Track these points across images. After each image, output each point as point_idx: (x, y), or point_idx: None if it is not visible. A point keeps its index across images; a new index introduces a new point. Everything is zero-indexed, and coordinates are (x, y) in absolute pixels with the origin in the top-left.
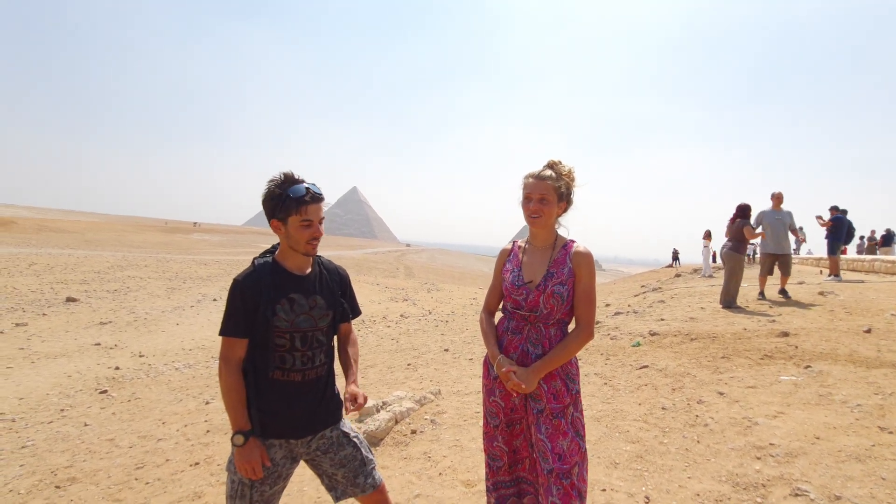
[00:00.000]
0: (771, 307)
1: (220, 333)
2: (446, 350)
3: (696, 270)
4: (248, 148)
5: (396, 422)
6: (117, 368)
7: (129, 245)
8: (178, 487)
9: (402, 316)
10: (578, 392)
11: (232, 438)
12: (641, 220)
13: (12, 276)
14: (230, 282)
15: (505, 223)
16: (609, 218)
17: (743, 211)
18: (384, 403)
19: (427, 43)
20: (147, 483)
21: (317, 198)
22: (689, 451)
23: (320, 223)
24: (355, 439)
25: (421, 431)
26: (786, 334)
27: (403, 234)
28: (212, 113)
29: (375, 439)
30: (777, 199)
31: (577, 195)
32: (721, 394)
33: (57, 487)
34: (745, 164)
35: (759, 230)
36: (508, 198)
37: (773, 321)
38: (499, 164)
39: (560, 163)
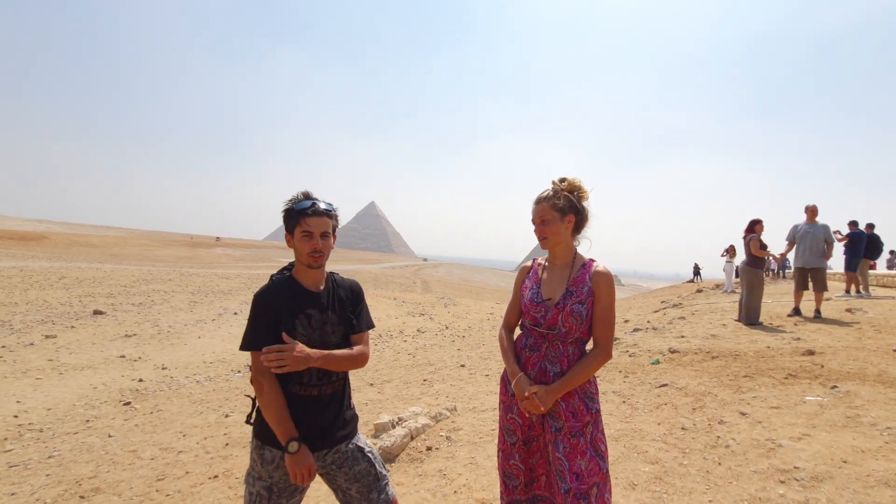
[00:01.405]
0: (796, 324)
1: (245, 348)
2: (462, 366)
3: (717, 286)
4: (269, 164)
5: (412, 438)
6: (141, 381)
7: (154, 259)
8: (197, 500)
9: (418, 331)
10: (599, 411)
11: (286, 447)
12: (662, 234)
13: (43, 289)
14: (251, 296)
15: (521, 238)
16: (628, 232)
17: (751, 226)
18: (400, 419)
19: (450, 59)
20: (167, 495)
21: (319, 211)
22: (710, 473)
23: (322, 236)
24: (370, 454)
25: (436, 448)
26: (811, 353)
27: (420, 248)
28: (235, 130)
29: (390, 455)
30: (811, 211)
31: (593, 205)
32: (743, 414)
33: (81, 497)
34: (771, 177)
35: (770, 247)
36: (524, 212)
37: (798, 339)
38: (518, 177)
39: (560, 180)
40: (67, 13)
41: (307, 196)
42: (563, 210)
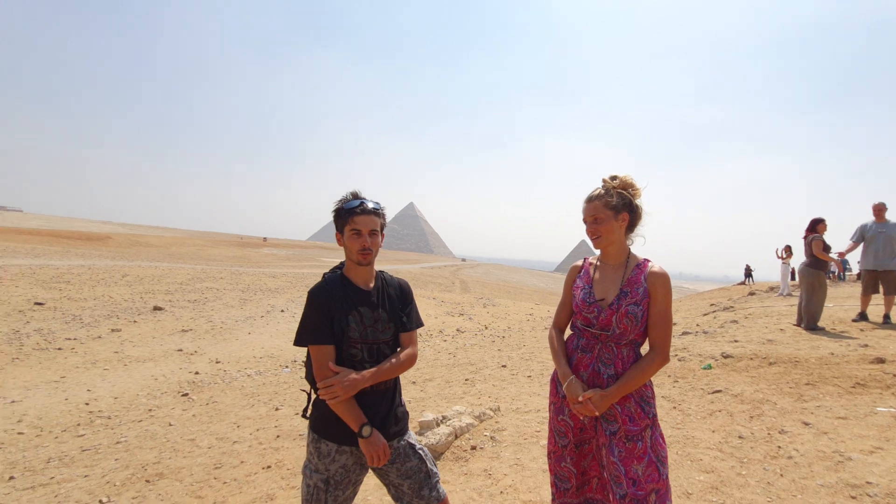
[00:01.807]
0: (862, 330)
1: (301, 343)
2: (504, 366)
3: (772, 288)
4: (313, 166)
5: (456, 437)
6: (197, 373)
7: (207, 258)
8: (252, 488)
9: (458, 330)
10: (656, 416)
11: (360, 431)
12: (709, 234)
13: (109, 286)
14: (296, 294)
15: (557, 239)
16: (674, 232)
17: (813, 225)
18: (444, 418)
19: (487, 57)
20: (224, 483)
21: (367, 210)
22: (772, 485)
23: (370, 234)
24: (421, 451)
25: (481, 448)
26: (881, 360)
27: (458, 249)
28: (280, 133)
29: (435, 453)
30: (878, 209)
31: (645, 202)
32: (806, 424)
33: (147, 482)
34: (830, 172)
35: (834, 248)
36: (562, 213)
37: (866, 346)
38: (555, 178)
39: (611, 177)
40: (133, 31)
41: (356, 196)
42: (616, 208)
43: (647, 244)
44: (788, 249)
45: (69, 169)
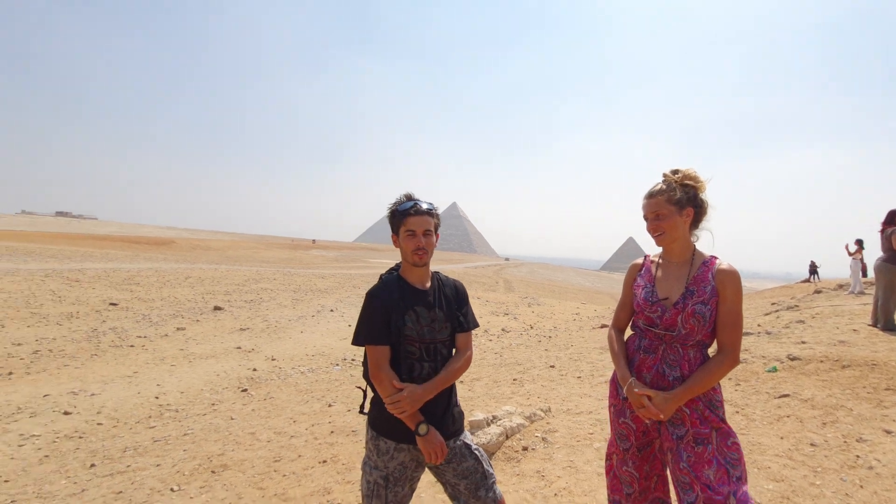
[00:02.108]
0: None
1: (359, 343)
2: (552, 366)
3: (840, 286)
4: (355, 168)
5: (507, 437)
6: (254, 370)
7: (260, 261)
8: (310, 482)
9: (503, 330)
10: (725, 419)
11: (417, 430)
12: (768, 229)
13: (173, 287)
14: (345, 294)
15: (604, 236)
16: (729, 227)
17: (891, 217)
18: (494, 417)
19: (530, 53)
20: (284, 475)
21: (420, 211)
22: (850, 496)
23: (425, 234)
24: (477, 452)
25: (532, 449)
26: None
27: (502, 248)
28: (322, 138)
29: (486, 453)
30: None
31: (709, 195)
32: (888, 432)
33: (213, 472)
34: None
35: None
36: (608, 211)
37: None
38: (603, 174)
39: (673, 171)
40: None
41: (409, 197)
42: (680, 203)
43: (713, 241)
44: (860, 244)
45: (138, 178)
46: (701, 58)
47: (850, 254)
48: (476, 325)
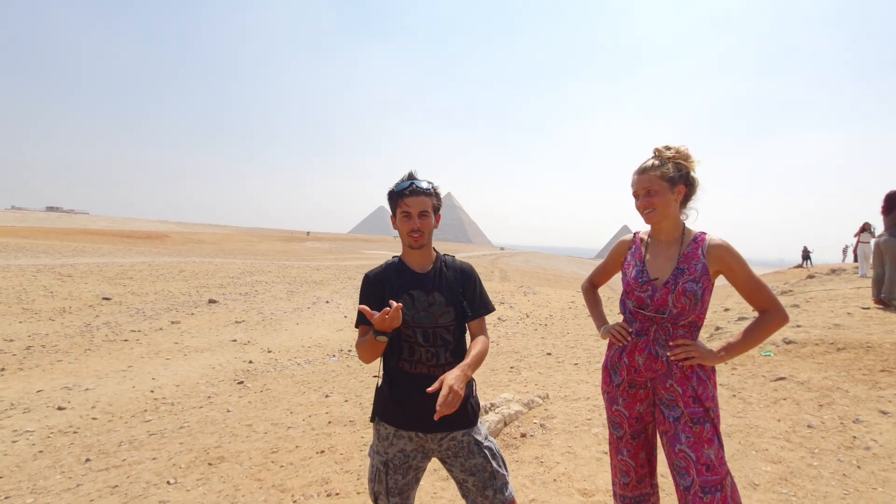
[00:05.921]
0: None
1: (356, 325)
2: (549, 354)
3: (833, 271)
4: (350, 159)
5: (505, 424)
6: (250, 362)
7: (255, 253)
8: (307, 472)
9: (499, 319)
10: (715, 397)
11: (376, 338)
12: (761, 215)
13: (167, 281)
14: (340, 286)
15: (598, 224)
16: (722, 212)
17: (890, 199)
18: (492, 405)
19: (532, 38)
20: (282, 466)
21: (417, 191)
22: (848, 476)
23: (421, 216)
24: (486, 451)
25: (531, 435)
26: None
27: (497, 238)
28: (315, 126)
29: None
30: None
31: (700, 174)
32: (884, 413)
33: (209, 465)
34: (871, 148)
35: None
36: (601, 199)
37: None
38: (597, 162)
39: (666, 147)
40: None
41: (410, 176)
42: (673, 180)
43: (696, 217)
44: (867, 227)
45: (130, 172)
46: (711, 42)
47: (856, 237)
48: (486, 311)
